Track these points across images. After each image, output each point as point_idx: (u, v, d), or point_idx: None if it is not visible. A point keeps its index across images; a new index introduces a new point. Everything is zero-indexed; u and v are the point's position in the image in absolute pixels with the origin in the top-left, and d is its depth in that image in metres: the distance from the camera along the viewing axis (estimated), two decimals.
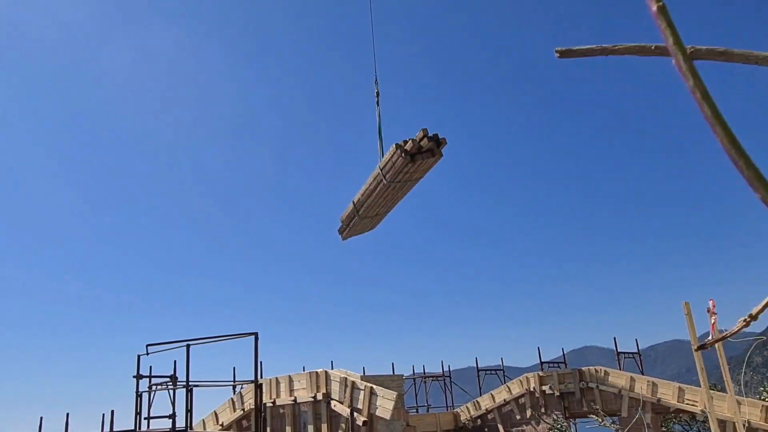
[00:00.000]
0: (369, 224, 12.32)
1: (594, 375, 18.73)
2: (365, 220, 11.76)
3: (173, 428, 14.85)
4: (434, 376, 25.97)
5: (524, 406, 20.24)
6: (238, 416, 15.61)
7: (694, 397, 16.71)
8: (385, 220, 11.79)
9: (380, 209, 11.41)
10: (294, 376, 14.31)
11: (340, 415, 12.86)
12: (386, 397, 12.06)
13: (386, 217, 12.10)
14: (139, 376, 16.12)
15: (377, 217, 11.79)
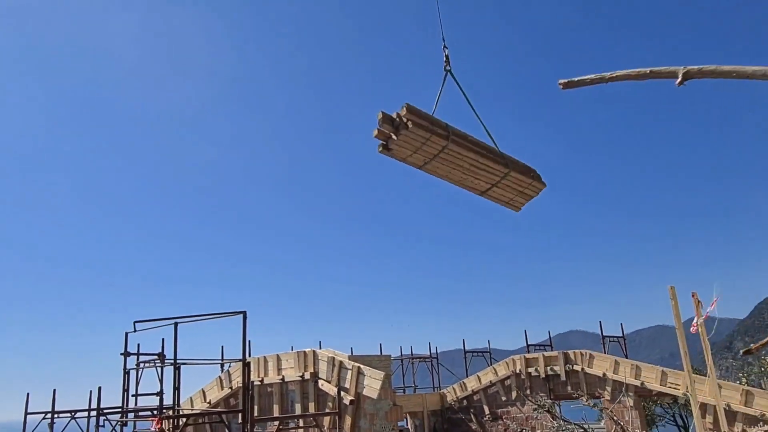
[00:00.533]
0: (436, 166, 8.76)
1: (579, 358, 18.95)
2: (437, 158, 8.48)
3: (161, 405, 14.88)
4: (422, 357, 26.18)
5: (510, 387, 20.48)
6: (225, 394, 15.67)
7: (676, 381, 16.96)
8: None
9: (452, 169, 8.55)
10: (282, 355, 14.36)
11: (328, 394, 12.95)
12: (373, 376, 12.14)
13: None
14: (126, 353, 16.09)
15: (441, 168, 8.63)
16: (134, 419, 16.23)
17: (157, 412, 14.32)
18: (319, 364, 13.30)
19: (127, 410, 15.73)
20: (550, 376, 19.56)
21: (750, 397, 15.29)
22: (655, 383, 17.16)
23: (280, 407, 14.08)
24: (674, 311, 8.92)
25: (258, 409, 14.02)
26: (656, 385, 17.14)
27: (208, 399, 16.31)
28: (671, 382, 17.02)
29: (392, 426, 12.83)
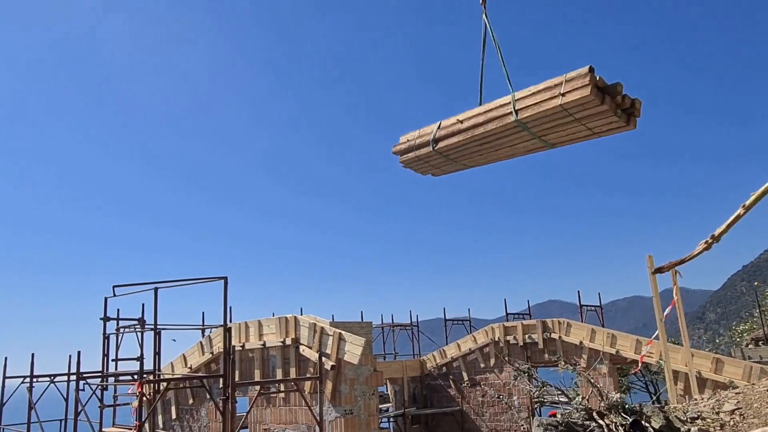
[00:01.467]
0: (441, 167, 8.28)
1: (557, 326, 19.31)
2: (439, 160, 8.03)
3: (141, 370, 14.87)
4: (402, 325, 26.45)
5: (489, 355, 20.85)
6: (206, 359, 15.71)
7: (649, 349, 17.38)
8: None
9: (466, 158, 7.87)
10: (263, 321, 14.38)
11: (309, 359, 13.04)
12: (355, 342, 12.23)
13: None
14: (106, 318, 16.00)
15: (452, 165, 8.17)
16: (114, 383, 16.23)
17: (138, 376, 14.33)
18: (300, 330, 13.35)
19: (107, 374, 15.71)
20: (528, 344, 19.92)
21: (720, 365, 15.75)
22: (630, 351, 17.56)
23: (261, 372, 14.17)
24: (651, 280, 9.10)
25: (239, 374, 14.10)
26: (631, 354, 17.55)
27: (189, 364, 16.36)
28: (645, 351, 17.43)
29: (372, 391, 13.01)
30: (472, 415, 21.07)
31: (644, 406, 4.69)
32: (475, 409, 21.00)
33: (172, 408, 16.93)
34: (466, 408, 21.24)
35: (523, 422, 19.64)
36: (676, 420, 4.48)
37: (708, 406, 4.82)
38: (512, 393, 20.12)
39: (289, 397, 13.47)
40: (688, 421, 4.59)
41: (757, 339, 21.44)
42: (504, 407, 20.26)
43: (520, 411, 19.80)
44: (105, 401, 16.55)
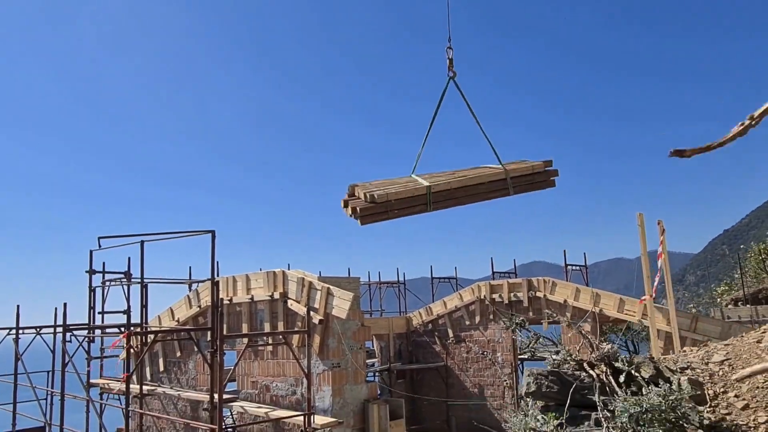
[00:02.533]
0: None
1: (542, 285, 19.52)
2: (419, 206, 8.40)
3: (128, 323, 14.87)
4: (389, 283, 26.62)
5: (474, 312, 21.09)
6: (194, 313, 15.73)
7: (632, 308, 17.66)
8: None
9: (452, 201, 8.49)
10: (251, 275, 14.36)
11: (297, 313, 13.08)
12: (343, 297, 12.27)
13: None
14: (91, 271, 15.90)
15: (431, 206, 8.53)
16: (101, 335, 16.23)
17: (125, 328, 14.32)
18: (288, 285, 13.35)
19: (93, 327, 15.69)
20: (513, 302, 20.15)
21: (699, 324, 16.09)
22: (613, 310, 17.84)
23: (249, 326, 14.23)
24: (641, 238, 9.16)
25: (227, 327, 14.13)
26: (613, 312, 17.83)
27: (176, 317, 16.37)
28: (628, 309, 17.72)
29: (360, 345, 13.14)
30: (457, 371, 21.46)
31: (635, 357, 4.74)
32: (460, 365, 21.37)
33: (160, 360, 17.02)
34: (451, 364, 21.60)
35: (506, 378, 20.05)
36: (666, 370, 4.52)
37: (697, 357, 4.88)
38: (496, 350, 20.46)
39: (277, 350, 13.56)
40: (677, 371, 4.65)
41: (736, 299, 21.90)
42: (488, 363, 20.63)
43: (504, 367, 20.19)
44: (92, 353, 16.59)
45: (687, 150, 3.97)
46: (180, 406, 15.93)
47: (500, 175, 8.43)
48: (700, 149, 3.89)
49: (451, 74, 8.75)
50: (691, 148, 3.93)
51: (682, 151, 3.95)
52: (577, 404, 4.90)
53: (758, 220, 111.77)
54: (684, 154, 3.93)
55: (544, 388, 4.99)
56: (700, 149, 3.89)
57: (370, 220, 8.28)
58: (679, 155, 3.86)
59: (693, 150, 3.94)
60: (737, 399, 4.09)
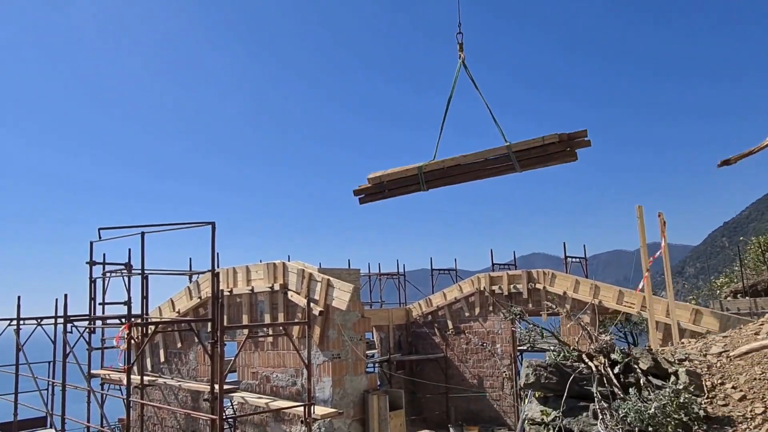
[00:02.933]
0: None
1: (542, 277, 19.57)
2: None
3: (129, 314, 14.92)
4: (389, 274, 26.67)
5: (474, 304, 21.15)
6: (194, 304, 15.77)
7: (631, 300, 17.71)
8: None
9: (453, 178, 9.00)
10: (251, 267, 14.38)
11: (297, 305, 13.12)
12: (343, 289, 12.30)
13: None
14: (92, 262, 15.94)
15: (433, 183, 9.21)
16: (102, 326, 16.29)
17: (126, 319, 14.37)
18: (288, 276, 13.38)
19: (94, 317, 15.75)
20: (513, 293, 20.21)
21: (699, 316, 16.12)
22: (612, 302, 17.89)
23: (250, 317, 14.27)
24: (640, 230, 9.18)
25: (227, 318, 14.18)
26: (612, 304, 17.88)
27: (176, 309, 16.41)
28: (627, 301, 17.76)
29: (359, 337, 13.18)
30: (456, 362, 21.54)
31: (633, 349, 4.76)
32: (459, 356, 21.46)
33: (161, 351, 17.09)
34: (450, 355, 21.69)
35: (505, 369, 20.14)
36: (664, 361, 4.55)
37: (696, 348, 4.91)
38: (495, 341, 20.54)
39: (277, 341, 13.61)
40: (675, 362, 4.68)
41: (735, 292, 21.91)
42: (487, 354, 20.71)
43: (503, 358, 20.27)
44: (93, 344, 16.65)
45: (732, 158, 4.10)
46: (181, 396, 16.02)
47: (501, 151, 8.54)
48: (744, 155, 4.01)
49: (462, 56, 9.24)
50: (735, 156, 4.06)
51: (728, 160, 4.10)
52: (576, 395, 4.93)
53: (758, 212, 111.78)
54: (729, 162, 4.09)
55: (543, 380, 5.02)
56: (744, 155, 4.01)
57: (367, 200, 9.26)
58: (726, 164, 4.03)
59: (737, 156, 4.07)
60: (735, 390, 4.12)
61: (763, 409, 3.86)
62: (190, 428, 15.79)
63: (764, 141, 3.70)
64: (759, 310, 18.97)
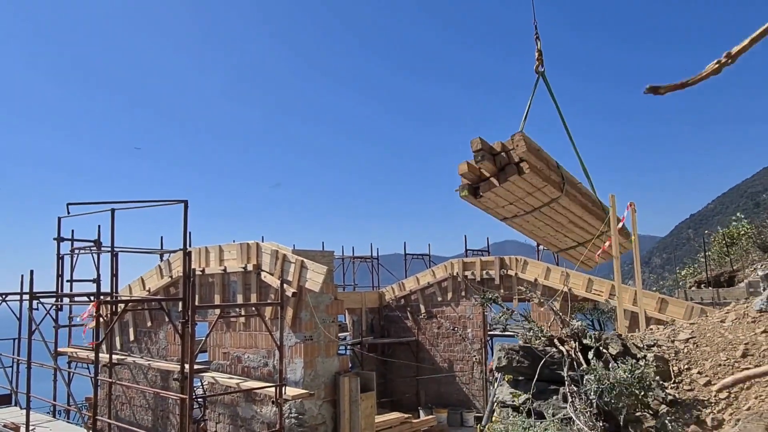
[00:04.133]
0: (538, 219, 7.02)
1: (514, 263, 19.81)
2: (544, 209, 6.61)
3: (98, 291, 14.67)
4: (363, 257, 26.71)
5: (446, 289, 21.33)
6: (165, 283, 15.56)
7: (600, 288, 18.08)
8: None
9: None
10: (224, 247, 14.23)
11: (270, 286, 13.05)
12: (316, 270, 12.26)
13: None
14: (60, 238, 15.60)
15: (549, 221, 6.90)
16: (70, 303, 16.01)
17: (95, 297, 14.13)
18: (262, 257, 13.28)
19: (62, 294, 15.45)
20: (485, 279, 20.43)
21: (664, 305, 16.55)
22: (581, 289, 18.23)
23: (222, 297, 14.15)
24: (612, 219, 9.32)
25: (199, 298, 14.03)
26: (582, 291, 18.23)
27: (147, 287, 16.19)
28: (596, 289, 18.13)
29: (332, 319, 13.19)
30: (427, 345, 21.76)
31: (603, 334, 4.86)
32: (431, 339, 21.67)
33: (130, 330, 16.87)
34: (422, 338, 21.89)
35: (475, 353, 20.42)
36: (633, 347, 4.66)
37: (664, 334, 5.03)
38: (467, 326, 20.79)
39: (249, 322, 13.54)
40: (644, 348, 4.79)
41: (699, 282, 22.51)
42: (458, 339, 20.96)
43: (473, 343, 20.54)
44: (60, 322, 16.35)
45: (662, 87, 3.87)
46: (150, 375, 15.86)
47: (599, 209, 6.93)
48: (675, 86, 3.80)
49: (541, 69, 7.39)
50: (665, 85, 3.84)
51: (657, 88, 3.85)
52: (546, 379, 5.01)
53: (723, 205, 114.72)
54: (659, 91, 3.83)
55: (515, 363, 5.10)
56: (675, 86, 3.80)
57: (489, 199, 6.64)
58: (653, 92, 3.76)
59: (667, 87, 3.85)
60: (700, 375, 4.24)
61: (727, 394, 3.98)
62: (159, 407, 15.68)
63: (699, 74, 3.61)
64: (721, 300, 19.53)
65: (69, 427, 14.00)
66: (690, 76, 3.75)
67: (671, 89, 3.77)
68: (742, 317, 4.97)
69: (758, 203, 78.25)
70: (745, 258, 22.46)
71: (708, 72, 3.52)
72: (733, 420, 3.62)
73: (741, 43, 3.46)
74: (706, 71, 3.54)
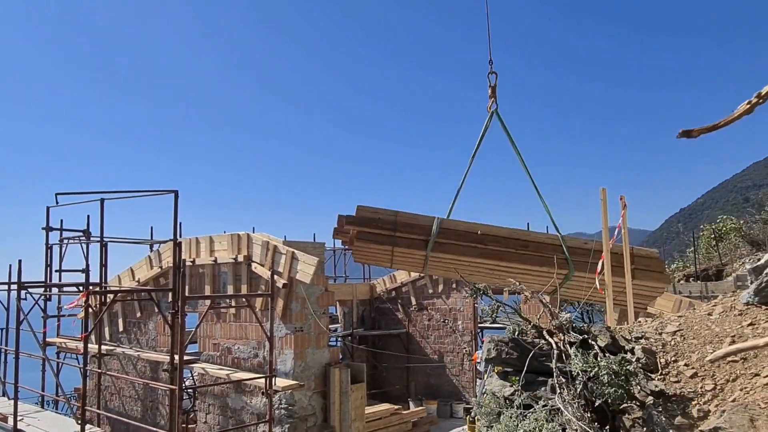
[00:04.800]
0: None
1: None
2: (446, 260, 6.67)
3: (87, 282, 14.59)
4: None
5: (437, 281, 21.37)
6: (155, 273, 15.49)
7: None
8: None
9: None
10: (215, 237, 14.17)
11: (261, 277, 13.02)
12: (307, 262, 12.24)
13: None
14: (48, 228, 15.48)
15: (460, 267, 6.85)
16: (59, 294, 15.91)
17: (84, 287, 14.05)
18: (253, 248, 13.24)
19: (50, 284, 15.35)
20: None
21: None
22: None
23: (212, 288, 14.11)
24: (603, 212, 9.33)
25: (189, 289, 13.98)
26: None
27: (136, 278, 16.11)
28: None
29: (323, 310, 13.19)
30: (418, 338, 21.83)
31: (592, 326, 4.88)
32: (421, 332, 21.74)
33: (119, 321, 16.80)
34: (412, 331, 21.95)
35: (465, 345, 20.50)
36: (621, 339, 4.68)
37: (652, 327, 5.06)
38: (457, 318, 20.86)
39: (240, 313, 13.52)
40: (632, 340, 4.82)
41: (688, 275, 22.71)
42: (448, 331, 21.04)
43: (464, 335, 20.62)
44: (49, 312, 16.25)
45: (694, 130, 3.97)
46: (139, 366, 15.82)
47: (551, 241, 6.85)
48: (707, 128, 3.89)
49: (494, 106, 7.29)
50: (698, 128, 3.93)
51: (690, 132, 3.94)
52: (535, 370, 5.02)
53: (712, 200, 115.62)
54: (691, 135, 3.92)
55: (504, 355, 5.10)
56: (707, 128, 3.89)
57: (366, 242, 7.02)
58: (686, 136, 3.84)
59: (700, 130, 3.93)
60: (687, 368, 4.28)
61: (713, 386, 4.01)
62: (148, 398, 15.65)
63: (731, 114, 3.66)
64: (709, 293, 19.73)
65: (58, 418, 13.94)
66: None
67: (703, 132, 3.85)
68: (729, 310, 5.01)
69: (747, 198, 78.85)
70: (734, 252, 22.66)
71: (740, 113, 3.57)
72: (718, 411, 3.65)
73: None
74: (737, 112, 3.59)
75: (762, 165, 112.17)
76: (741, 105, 3.63)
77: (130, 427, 14.38)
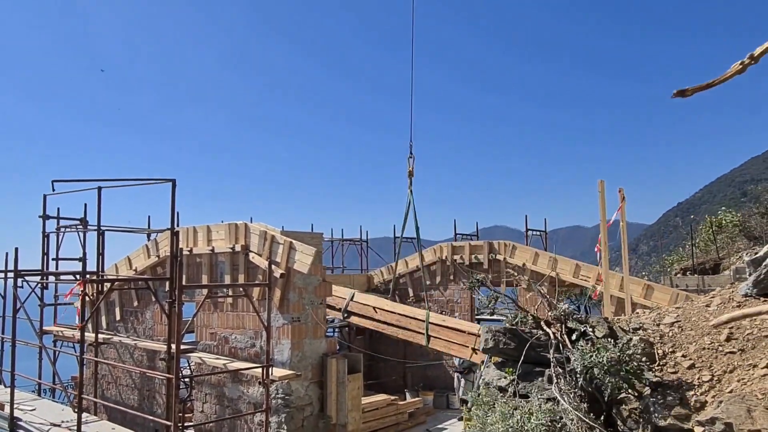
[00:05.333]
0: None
1: (503, 248, 19.88)
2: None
3: (84, 270, 14.56)
4: (352, 240, 26.68)
5: (435, 272, 21.38)
6: (152, 262, 15.46)
7: (587, 274, 18.20)
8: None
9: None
10: (212, 227, 14.13)
11: (258, 267, 12.99)
12: (305, 252, 12.21)
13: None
14: (45, 216, 15.44)
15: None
16: (56, 282, 15.88)
17: (81, 276, 14.02)
18: (250, 237, 13.21)
19: (47, 273, 15.32)
20: (474, 263, 20.49)
21: (650, 291, 16.70)
22: (569, 275, 18.35)
23: (209, 278, 14.08)
24: (601, 204, 9.34)
25: (186, 278, 13.95)
26: (569, 277, 18.35)
27: (133, 267, 16.08)
28: (583, 275, 18.25)
29: (320, 301, 13.18)
30: None
31: (590, 317, 4.88)
32: None
33: (116, 309, 16.79)
34: None
35: None
36: (619, 330, 4.68)
37: (649, 318, 5.06)
38: (455, 309, 20.88)
39: (237, 302, 13.51)
40: (630, 331, 4.82)
41: (685, 269, 22.75)
42: None
43: None
44: (45, 300, 16.23)
45: (688, 89, 3.94)
46: (136, 355, 15.82)
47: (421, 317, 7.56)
48: (701, 87, 3.87)
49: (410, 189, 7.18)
50: (692, 87, 3.91)
51: (684, 91, 3.92)
52: (532, 361, 5.03)
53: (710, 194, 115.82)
54: (685, 94, 3.90)
55: (501, 345, 5.11)
56: (701, 87, 3.87)
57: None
58: (681, 95, 3.83)
59: (693, 89, 3.91)
60: (684, 358, 4.27)
61: (710, 377, 4.01)
62: (145, 387, 15.66)
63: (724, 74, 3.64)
64: (706, 287, 19.77)
65: (54, 406, 13.94)
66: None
67: (697, 90, 3.84)
68: (727, 302, 5.00)
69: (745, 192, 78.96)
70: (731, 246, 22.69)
71: (732, 72, 3.57)
72: (715, 402, 3.64)
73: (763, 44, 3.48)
74: (730, 71, 3.59)
75: (760, 160, 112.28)
76: (734, 65, 3.63)
77: (126, 416, 14.40)
